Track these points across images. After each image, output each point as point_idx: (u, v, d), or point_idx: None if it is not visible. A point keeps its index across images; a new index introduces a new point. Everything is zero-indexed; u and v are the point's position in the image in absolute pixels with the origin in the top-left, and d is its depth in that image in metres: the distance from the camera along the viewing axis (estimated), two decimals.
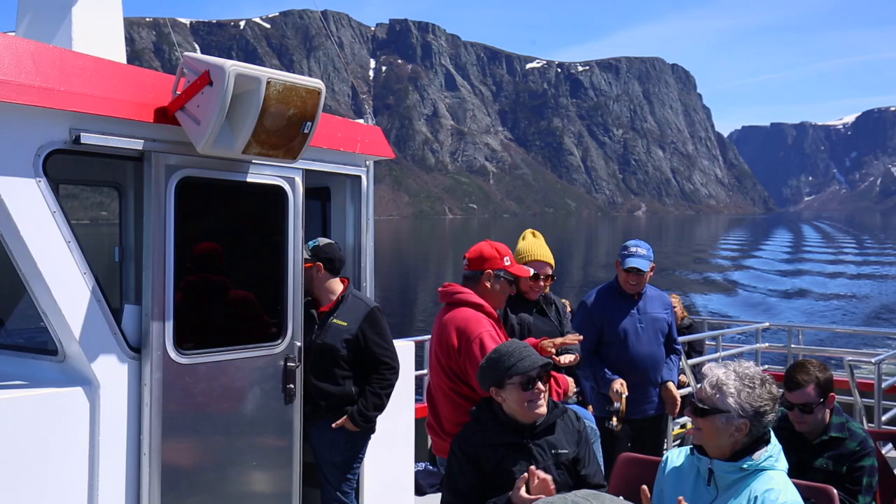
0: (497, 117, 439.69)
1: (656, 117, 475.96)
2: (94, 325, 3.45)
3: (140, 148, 3.58)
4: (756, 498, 2.74)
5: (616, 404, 4.75)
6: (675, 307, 8.55)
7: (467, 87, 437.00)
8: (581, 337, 4.40)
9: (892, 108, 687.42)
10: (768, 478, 2.79)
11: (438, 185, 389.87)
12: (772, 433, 2.88)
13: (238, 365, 3.97)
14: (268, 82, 3.52)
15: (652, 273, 5.21)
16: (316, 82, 3.76)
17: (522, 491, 2.95)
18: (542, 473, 2.94)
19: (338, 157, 4.58)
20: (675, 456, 3.03)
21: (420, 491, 6.02)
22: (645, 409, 5.10)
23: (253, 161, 3.93)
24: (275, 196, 4.14)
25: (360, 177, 4.81)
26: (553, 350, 4.13)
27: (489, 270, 4.05)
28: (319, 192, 4.98)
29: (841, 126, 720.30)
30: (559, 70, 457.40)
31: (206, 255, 4.02)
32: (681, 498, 2.50)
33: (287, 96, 3.61)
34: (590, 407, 5.73)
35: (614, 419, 4.72)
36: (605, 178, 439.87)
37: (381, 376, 4.35)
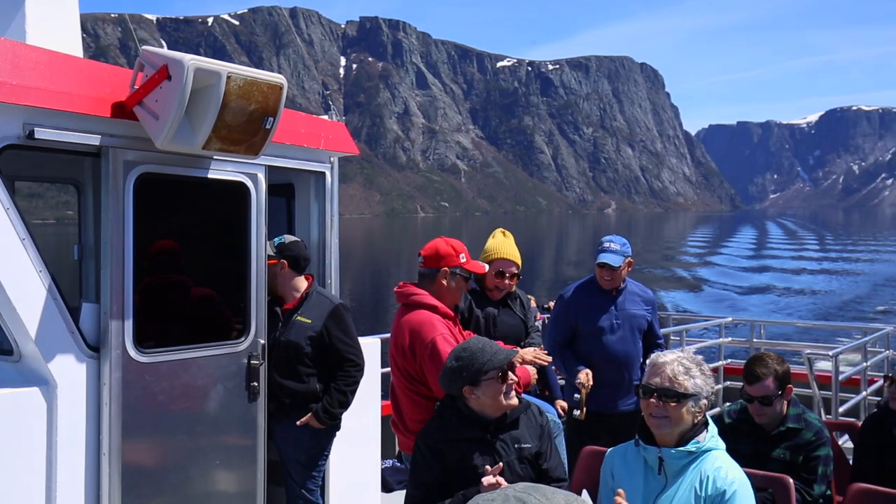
0: (468, 115, 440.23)
1: (625, 116, 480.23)
2: (50, 324, 3.39)
3: (97, 143, 3.52)
4: (708, 478, 2.81)
5: (576, 395, 4.79)
6: None
7: (438, 86, 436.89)
8: (549, 359, 4.49)
9: (854, 108, 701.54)
10: (714, 457, 2.87)
11: (410, 183, 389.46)
12: (707, 416, 2.95)
13: (200, 363, 3.93)
14: (228, 77, 3.48)
15: (629, 268, 5.16)
16: (278, 77, 3.73)
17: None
18: (494, 479, 2.96)
19: (301, 153, 4.55)
20: (620, 454, 3.06)
21: (387, 488, 6.01)
22: (619, 405, 5.09)
23: (214, 157, 3.89)
24: (237, 192, 4.10)
25: (324, 173, 4.78)
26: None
27: (445, 268, 4.04)
28: (284, 188, 4.94)
29: (805, 125, 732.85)
30: (530, 69, 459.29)
31: (167, 252, 3.97)
32: (620, 491, 2.53)
33: (248, 91, 3.58)
34: (558, 402, 5.77)
35: (577, 409, 4.76)
36: (575, 176, 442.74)
37: (346, 373, 4.33)
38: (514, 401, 3.23)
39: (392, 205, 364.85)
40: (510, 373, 3.21)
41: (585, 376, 4.83)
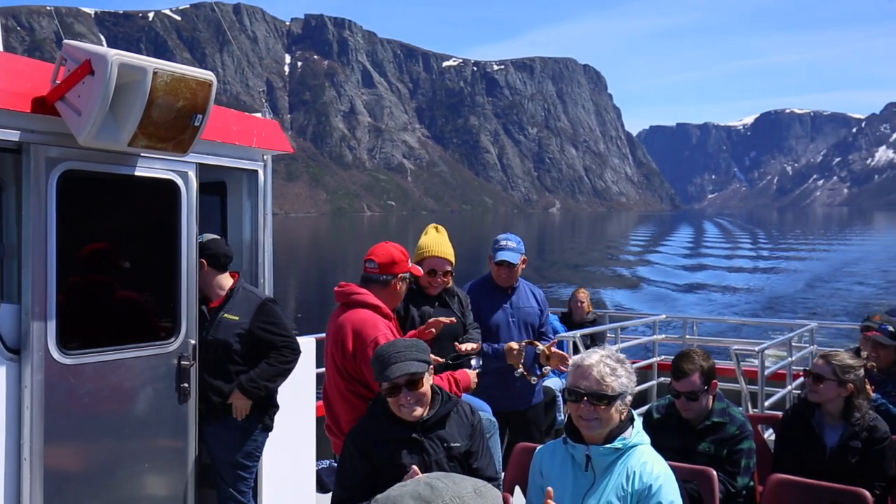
0: (414, 115, 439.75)
1: (569, 116, 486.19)
2: None
3: (17, 139, 3.41)
4: (634, 473, 2.85)
5: (517, 371, 4.80)
6: (583, 302, 8.79)
7: (384, 84, 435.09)
8: (477, 346, 4.46)
9: (788, 111, 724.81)
10: (640, 452, 2.91)
11: (356, 182, 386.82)
12: (632, 411, 2.99)
13: (129, 364, 3.85)
14: (154, 73, 3.42)
15: (524, 265, 5.25)
16: (206, 74, 3.68)
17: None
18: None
19: (233, 150, 4.48)
20: (548, 452, 3.08)
21: (324, 488, 5.96)
22: (516, 403, 5.12)
23: (141, 154, 3.81)
24: (166, 190, 4.03)
25: (256, 171, 4.72)
26: (432, 331, 4.18)
27: (400, 274, 4.05)
28: (217, 187, 4.87)
29: (741, 127, 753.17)
30: (475, 69, 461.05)
31: (94, 252, 3.87)
32: (549, 489, 2.56)
33: (175, 88, 3.52)
34: None
35: (525, 373, 4.81)
36: (520, 175, 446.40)
37: (281, 354, 4.27)
38: (416, 413, 3.17)
39: (339, 204, 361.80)
40: (405, 389, 3.14)
41: (517, 345, 4.88)
